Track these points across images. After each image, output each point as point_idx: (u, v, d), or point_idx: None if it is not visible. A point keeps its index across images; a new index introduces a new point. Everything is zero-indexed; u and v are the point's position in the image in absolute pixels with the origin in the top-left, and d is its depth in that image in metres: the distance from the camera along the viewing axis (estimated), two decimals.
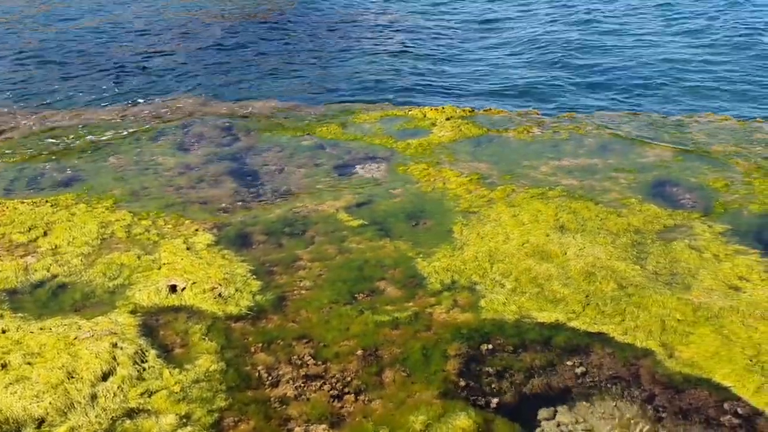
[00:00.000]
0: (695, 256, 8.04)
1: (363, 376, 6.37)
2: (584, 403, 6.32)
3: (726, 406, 6.01)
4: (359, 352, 6.66)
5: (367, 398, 6.10)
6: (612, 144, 11.64)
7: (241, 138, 12.45)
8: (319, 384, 6.29)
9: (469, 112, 13.41)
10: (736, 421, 5.87)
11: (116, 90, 16.57)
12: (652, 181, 10.11)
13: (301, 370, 6.45)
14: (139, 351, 6.65)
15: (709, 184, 9.92)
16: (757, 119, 13.00)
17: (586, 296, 7.36)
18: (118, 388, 6.19)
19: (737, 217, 8.98)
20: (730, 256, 8.05)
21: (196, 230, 8.91)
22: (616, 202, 9.39)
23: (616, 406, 6.27)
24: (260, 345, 6.82)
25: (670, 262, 7.95)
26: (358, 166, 11.07)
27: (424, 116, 13.18)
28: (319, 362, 6.54)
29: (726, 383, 6.19)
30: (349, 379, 6.33)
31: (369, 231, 8.88)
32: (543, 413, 6.24)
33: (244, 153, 11.73)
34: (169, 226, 9.08)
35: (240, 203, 9.82)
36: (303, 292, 7.62)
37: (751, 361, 6.38)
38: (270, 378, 6.39)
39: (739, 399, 6.04)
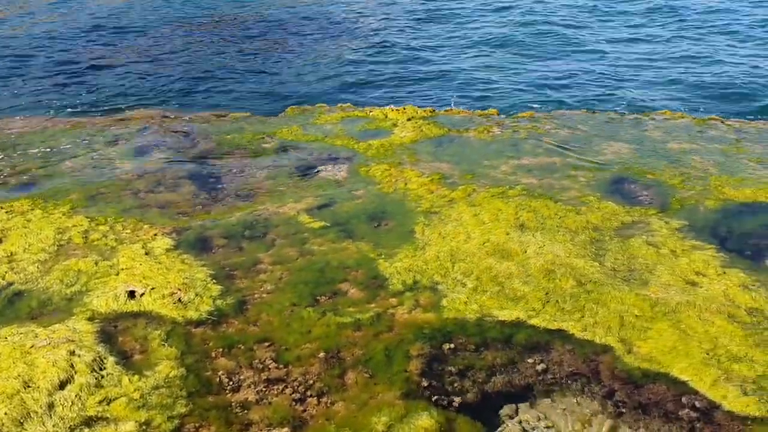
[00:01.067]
0: (653, 252, 8.17)
1: (325, 378, 6.34)
2: (546, 400, 6.37)
3: (684, 399, 6.10)
4: (321, 354, 6.63)
5: (329, 401, 6.08)
6: (571, 142, 11.77)
7: (201, 141, 12.33)
8: (280, 387, 6.25)
9: (431, 112, 13.46)
10: (694, 414, 5.96)
11: (72, 95, 16.30)
12: (610, 179, 10.25)
13: (262, 374, 6.41)
14: (98, 358, 6.53)
15: (666, 181, 10.09)
16: (713, 116, 13.25)
17: (546, 294, 7.42)
18: (76, 396, 6.08)
19: (693, 213, 9.14)
20: (687, 251, 8.19)
21: (155, 235, 8.80)
22: (575, 200, 9.50)
23: (576, 402, 6.33)
24: (221, 350, 6.75)
25: (628, 259, 8.06)
26: (319, 168, 11.03)
27: (386, 117, 13.19)
28: (281, 366, 6.50)
29: (684, 377, 6.28)
30: (311, 381, 6.30)
31: (331, 233, 8.85)
32: (505, 411, 6.27)
33: (204, 156, 11.62)
34: (128, 231, 8.95)
35: (200, 207, 9.72)
36: (264, 295, 7.57)
37: (707, 354, 6.49)
38: (231, 383, 6.34)
39: (696, 392, 6.14)
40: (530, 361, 6.65)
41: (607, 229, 8.72)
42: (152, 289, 7.62)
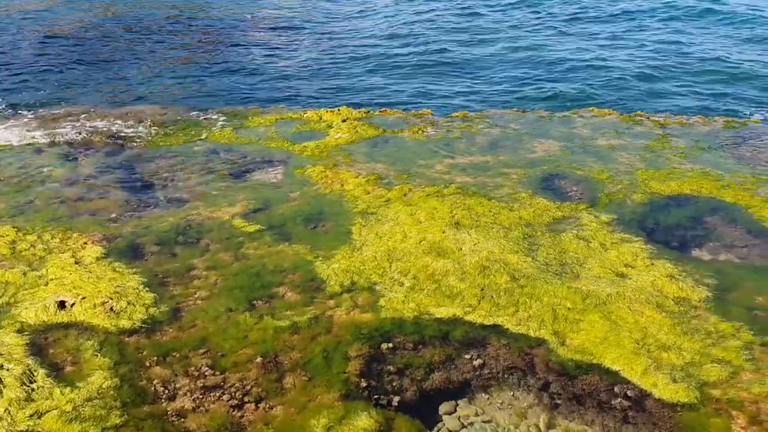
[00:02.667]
0: (583, 245, 8.37)
1: (263, 383, 6.29)
2: (483, 394, 6.47)
3: (616, 389, 6.27)
4: (259, 359, 6.57)
5: (268, 405, 6.03)
6: (503, 141, 11.96)
7: (131, 146, 12.07)
8: (218, 394, 6.17)
9: (365, 113, 13.49)
10: (626, 403, 6.14)
11: None
12: (541, 176, 10.45)
13: (198, 382, 6.31)
14: (28, 371, 6.33)
15: (595, 176, 10.35)
16: (638, 112, 13.64)
17: (482, 290, 7.53)
18: (5, 411, 5.88)
19: (622, 207, 9.40)
20: (616, 244, 8.41)
21: (85, 243, 8.57)
22: (507, 197, 9.65)
23: (513, 395, 6.45)
24: (156, 358, 6.63)
25: (560, 253, 8.24)
26: (254, 171, 10.93)
27: (320, 118, 13.16)
28: (218, 372, 6.42)
29: (615, 367, 6.46)
30: (248, 387, 6.24)
31: (266, 236, 8.78)
32: (444, 407, 6.34)
33: (135, 161, 11.38)
34: (56, 240, 8.69)
35: (131, 213, 9.51)
36: (199, 301, 7.46)
37: (638, 344, 6.68)
38: (167, 391, 6.22)
39: (628, 382, 6.32)
40: (467, 357, 6.73)
41: (539, 225, 8.90)
42: (83, 298, 7.43)
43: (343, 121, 12.87)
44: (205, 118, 13.68)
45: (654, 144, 11.66)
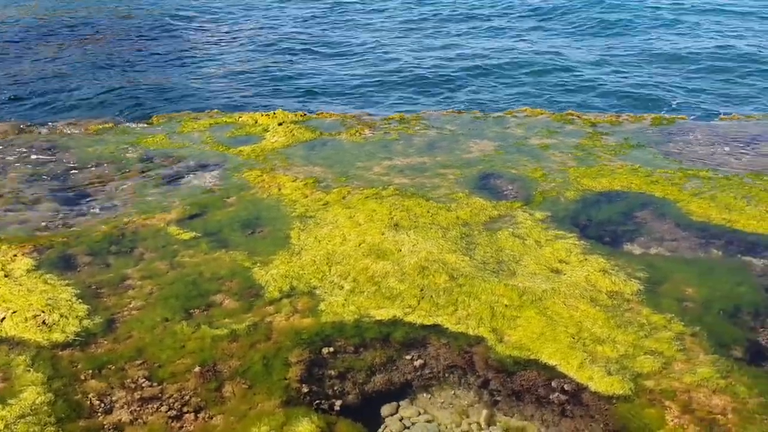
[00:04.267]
0: (519, 243, 8.50)
1: (202, 393, 6.20)
2: (425, 394, 6.52)
3: (554, 383, 6.39)
4: (197, 369, 6.47)
5: (207, 415, 5.95)
6: (439, 142, 12.06)
7: (62, 155, 11.73)
8: (156, 406, 6.05)
9: (302, 116, 13.42)
10: (563, 397, 6.26)
11: None
12: (478, 175, 10.58)
13: (135, 394, 6.18)
14: None
15: (529, 175, 10.53)
16: (570, 111, 13.94)
17: (421, 290, 7.57)
18: None
19: (555, 204, 9.59)
20: (551, 241, 8.58)
21: (15, 255, 8.29)
22: (445, 198, 9.74)
23: (454, 394, 6.51)
24: (91, 371, 6.46)
25: (496, 251, 8.36)
26: (189, 176, 10.76)
27: (256, 122, 13.03)
28: (155, 383, 6.29)
29: (552, 362, 6.58)
30: (187, 397, 6.14)
31: (203, 243, 8.65)
32: (386, 409, 6.36)
33: (65, 170, 11.06)
34: None
35: (62, 223, 9.25)
36: (134, 312, 7.30)
37: (573, 338, 6.82)
38: (103, 405, 6.08)
39: (565, 376, 6.44)
40: (408, 357, 6.77)
41: (476, 224, 9.00)
42: (13, 312, 7.19)
43: (279, 124, 12.78)
44: (137, 125, 13.40)
45: (585, 142, 11.94)
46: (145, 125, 13.30)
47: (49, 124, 13.53)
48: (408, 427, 6.21)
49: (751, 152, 11.53)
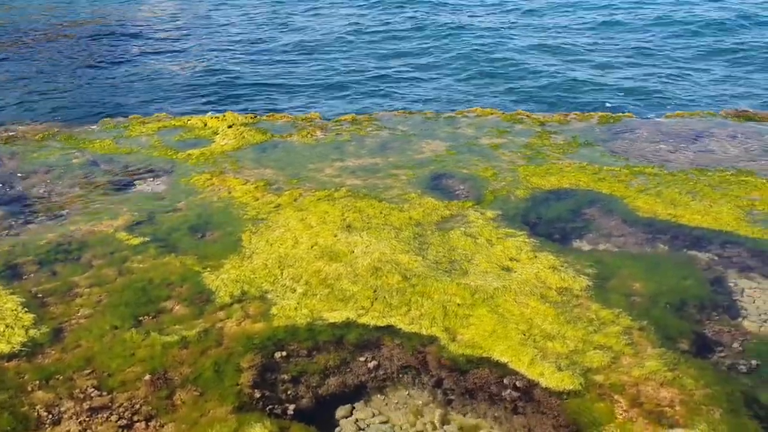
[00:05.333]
0: (470, 242, 8.57)
1: (153, 401, 6.10)
2: (379, 396, 6.52)
3: (506, 381, 6.45)
4: (147, 377, 6.37)
5: (158, 423, 5.85)
6: (391, 143, 12.09)
7: (5, 161, 11.43)
8: (105, 415, 5.94)
9: (252, 118, 13.31)
10: (515, 394, 6.32)
11: None
12: (430, 175, 10.63)
13: (84, 404, 6.05)
14: None
15: (480, 174, 10.62)
16: (519, 111, 14.09)
17: (374, 291, 7.57)
18: None
19: (506, 203, 9.69)
20: (501, 239, 8.66)
21: None
22: (398, 198, 9.76)
23: (408, 394, 6.52)
24: (38, 382, 6.32)
25: (449, 251, 8.40)
26: (137, 182, 10.59)
27: (205, 125, 12.89)
28: (104, 393, 6.17)
29: (504, 359, 6.64)
30: (137, 406, 6.03)
31: (152, 249, 8.52)
32: (340, 412, 6.34)
33: (9, 177, 10.78)
34: None
35: (7, 232, 9.02)
36: (82, 320, 7.15)
37: (524, 335, 6.89)
38: (51, 416, 5.94)
39: (516, 373, 6.51)
40: (362, 359, 6.76)
41: (429, 224, 9.04)
42: None
43: (229, 127, 12.66)
44: (83, 129, 13.12)
45: (534, 141, 12.08)
46: (92, 130, 13.03)
47: None
48: (363, 429, 6.19)
49: (695, 149, 11.81)
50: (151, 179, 10.65)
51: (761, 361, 6.73)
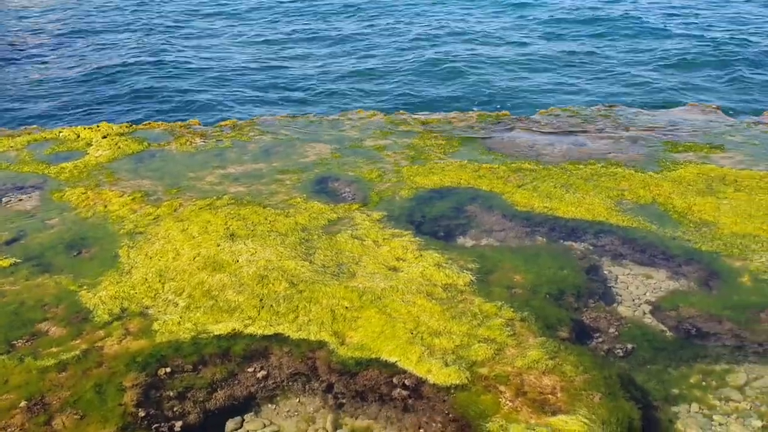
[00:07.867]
0: (357, 244, 8.60)
1: (30, 427, 5.79)
2: (269, 405, 6.44)
3: (395, 380, 6.50)
4: (23, 403, 6.04)
5: None
6: (275, 147, 11.98)
7: None
8: None
9: (127, 127, 12.87)
10: (405, 392, 6.38)
11: None
12: (315, 179, 10.61)
13: None
14: None
15: (365, 176, 10.68)
16: (401, 112, 14.29)
17: (261, 300, 7.48)
18: None
19: (391, 204, 9.79)
20: (388, 239, 8.74)
21: None
22: (283, 204, 9.68)
23: (299, 402, 6.48)
24: None
25: (336, 254, 8.41)
26: (4, 199, 10.01)
27: (78, 136, 12.35)
28: None
29: (392, 359, 6.69)
30: None
31: (23, 269, 8.09)
32: (230, 425, 6.23)
33: None
34: None
35: None
36: None
37: (412, 333, 6.98)
38: None
39: (405, 371, 6.57)
40: (250, 370, 6.66)
41: (315, 228, 9.01)
42: None
43: (104, 137, 12.19)
44: None
45: (417, 142, 12.27)
46: None
47: None
48: None
49: (569, 142, 12.32)
50: (21, 196, 10.10)
51: (636, 344, 7.10)
